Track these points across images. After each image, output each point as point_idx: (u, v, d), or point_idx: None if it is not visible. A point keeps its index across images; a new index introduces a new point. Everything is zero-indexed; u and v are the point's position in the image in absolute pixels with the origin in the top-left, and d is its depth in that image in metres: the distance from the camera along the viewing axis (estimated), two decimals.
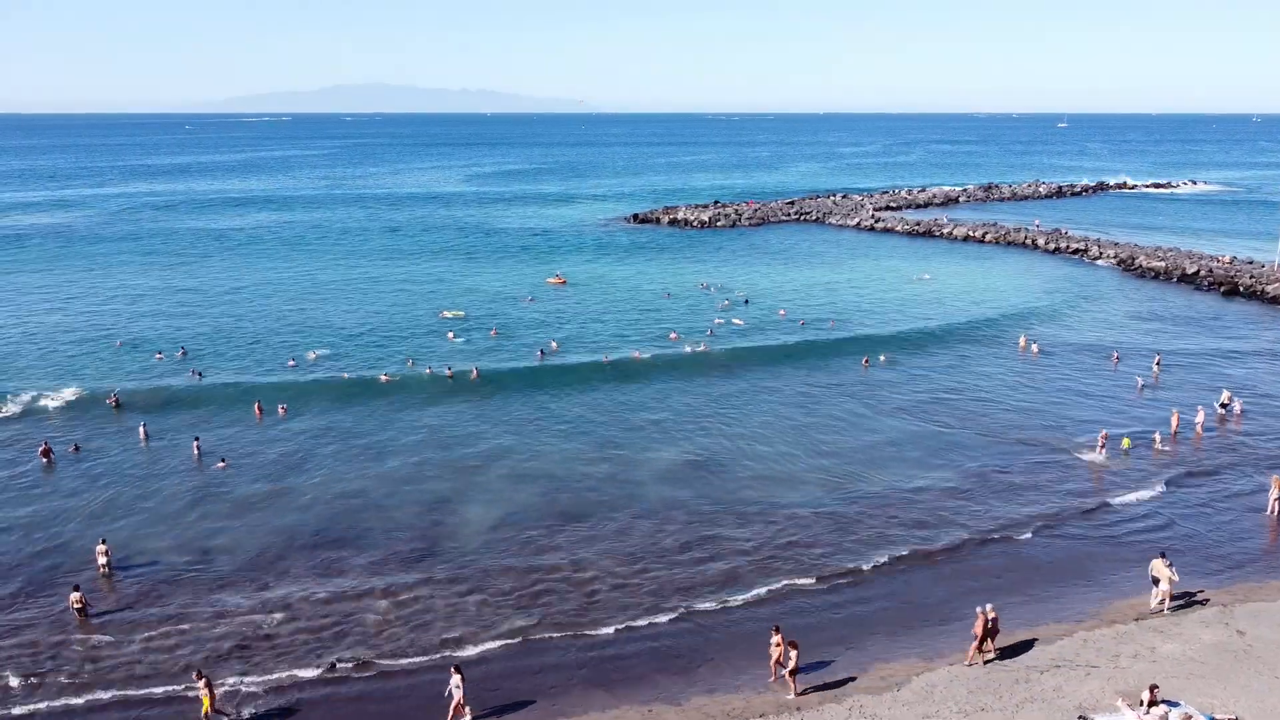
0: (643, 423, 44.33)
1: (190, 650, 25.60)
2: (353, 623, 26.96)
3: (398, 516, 34.24)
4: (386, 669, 24.72)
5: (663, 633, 26.29)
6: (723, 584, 28.99)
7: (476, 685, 23.32)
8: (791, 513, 34.07)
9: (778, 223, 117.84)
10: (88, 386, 49.15)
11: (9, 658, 25.38)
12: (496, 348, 57.66)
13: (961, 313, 67.38)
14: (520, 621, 26.96)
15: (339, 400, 47.44)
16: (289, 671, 24.54)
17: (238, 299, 71.72)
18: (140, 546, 31.81)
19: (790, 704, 22.18)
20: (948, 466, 38.41)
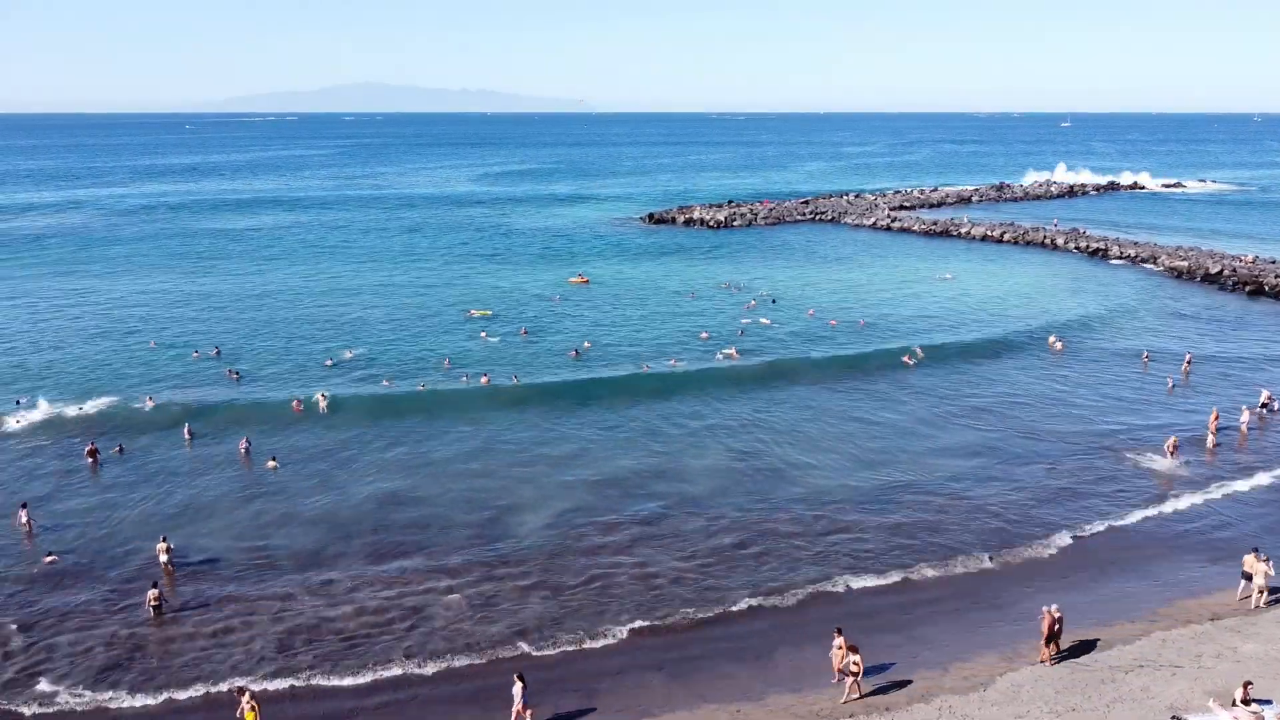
0: (686, 423, 44.32)
1: (261, 645, 25.78)
2: (420, 618, 27.12)
3: (452, 514, 34.40)
4: (454, 668, 24.77)
5: (736, 631, 26.36)
6: (785, 582, 29.08)
7: (552, 685, 23.43)
8: (846, 512, 34.12)
9: (793, 222, 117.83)
10: (126, 387, 49.16)
11: (87, 649, 25.54)
12: (529, 347, 57.63)
13: (989, 313, 67.40)
14: (588, 618, 27.05)
15: (381, 400, 47.39)
16: (359, 669, 24.68)
17: (265, 299, 71.65)
18: (200, 544, 31.91)
19: (878, 704, 22.20)
20: (998, 467, 38.47)
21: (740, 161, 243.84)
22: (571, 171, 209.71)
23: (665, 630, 26.43)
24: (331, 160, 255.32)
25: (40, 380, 50.15)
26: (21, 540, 32.30)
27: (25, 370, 52.26)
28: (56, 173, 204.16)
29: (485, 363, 53.57)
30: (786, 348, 57.33)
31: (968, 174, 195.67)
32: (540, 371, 52.07)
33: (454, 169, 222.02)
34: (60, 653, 25.48)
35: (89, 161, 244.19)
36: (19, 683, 24.25)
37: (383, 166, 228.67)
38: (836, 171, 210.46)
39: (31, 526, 32.86)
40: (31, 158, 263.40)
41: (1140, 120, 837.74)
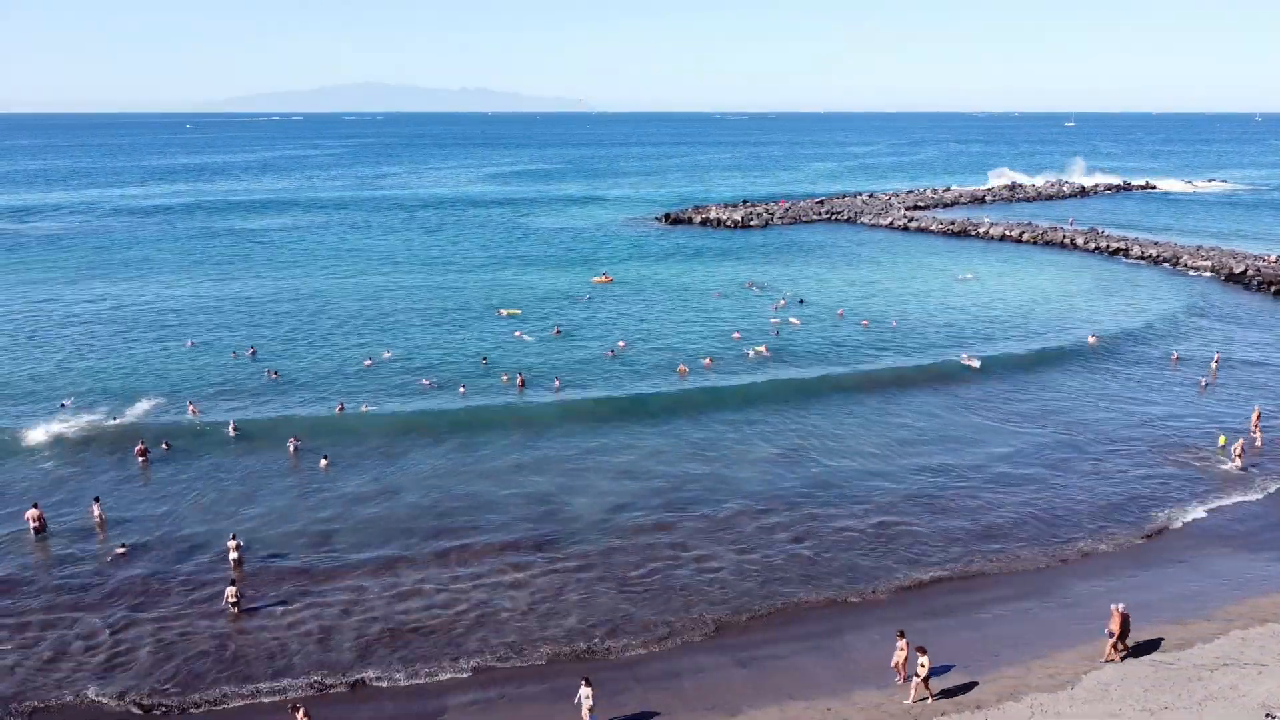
0: (730, 420, 44.49)
1: (338, 639, 26.07)
2: (487, 611, 27.53)
3: (508, 510, 34.77)
4: (530, 664, 24.99)
5: (811, 630, 26.47)
6: (848, 578, 29.38)
7: (635, 683, 23.59)
8: (903, 513, 34.30)
9: (809, 222, 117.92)
10: (169, 387, 49.25)
11: (170, 643, 25.84)
12: (564, 347, 57.72)
13: (1020, 314, 67.46)
14: (659, 614, 27.27)
15: (425, 400, 47.47)
16: (430, 666, 24.95)
17: (294, 300, 71.65)
18: (263, 540, 32.19)
19: (968, 702, 22.31)
20: (1054, 468, 38.70)
21: (747, 162, 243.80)
22: (580, 172, 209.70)
23: (739, 628, 26.63)
24: (339, 160, 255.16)
25: (82, 381, 50.23)
26: (96, 533, 32.79)
27: (66, 371, 52.30)
28: (67, 173, 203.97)
29: (522, 362, 53.65)
30: (822, 349, 57.40)
31: (978, 174, 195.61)
32: (579, 372, 52.15)
33: (463, 169, 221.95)
34: (144, 646, 25.70)
35: (98, 162, 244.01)
36: (106, 674, 24.46)
37: (391, 167, 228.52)
38: (845, 172, 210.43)
39: (104, 520, 33.27)
40: (39, 158, 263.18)
41: (1142, 120, 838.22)
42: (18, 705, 23.24)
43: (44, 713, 23.05)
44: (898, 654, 23.76)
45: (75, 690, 23.88)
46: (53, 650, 25.77)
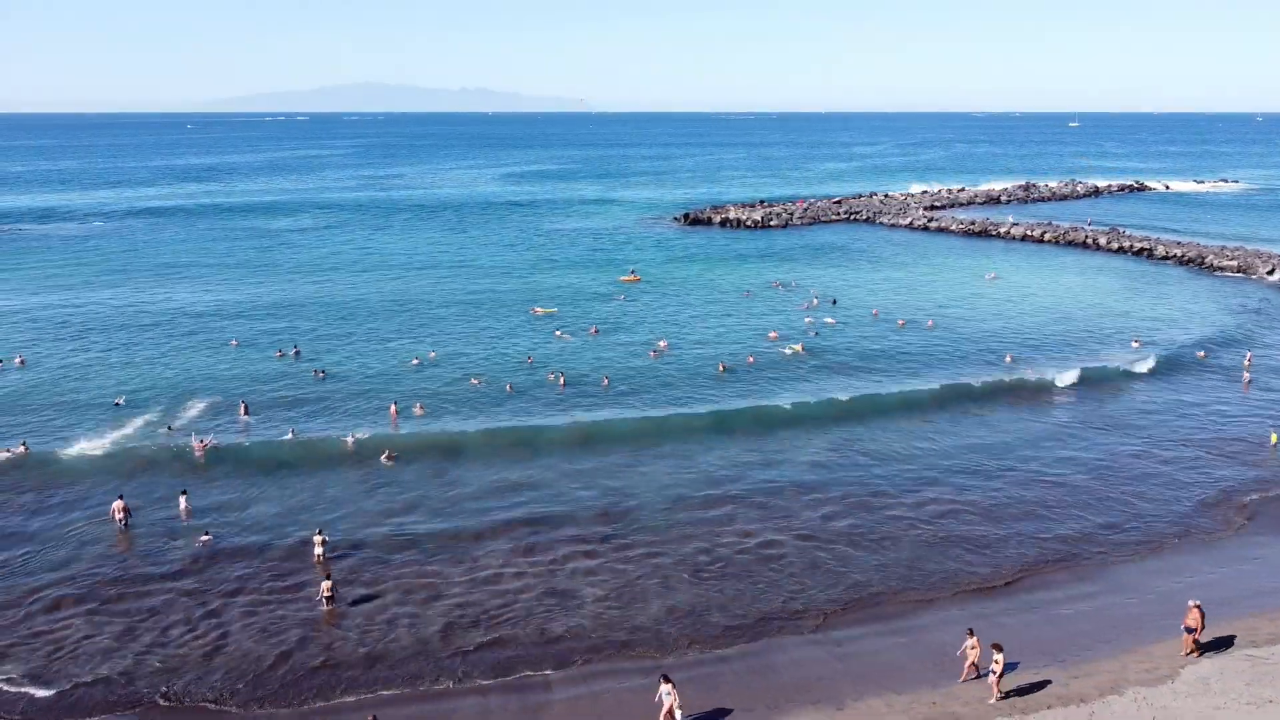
0: (781, 416, 44.82)
1: (431, 631, 26.50)
2: (571, 601, 28.05)
3: (574, 501, 35.39)
4: (613, 654, 25.35)
5: (898, 625, 26.69)
6: (922, 573, 29.72)
7: (738, 676, 23.89)
8: (968, 506, 34.67)
9: (828, 222, 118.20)
10: (217, 386, 49.57)
11: (269, 636, 26.20)
12: (605, 346, 57.98)
13: (1049, 312, 67.74)
14: (738, 604, 27.82)
15: (472, 399, 47.72)
16: (523, 655, 25.38)
17: (328, 300, 71.90)
18: (339, 532, 32.39)
19: (1072, 695, 22.60)
20: (1115, 466, 39.07)
21: (755, 163, 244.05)
22: (591, 172, 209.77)
23: (824, 619, 26.89)
24: (349, 161, 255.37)
25: (131, 380, 50.53)
26: (181, 521, 33.69)
27: (115, 370, 52.63)
28: (80, 174, 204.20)
29: (565, 361, 53.90)
30: (864, 350, 57.64)
31: (988, 174, 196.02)
32: (625, 371, 52.34)
33: (474, 170, 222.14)
34: (248, 639, 26.13)
35: (108, 162, 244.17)
36: (207, 661, 24.91)
37: (402, 168, 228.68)
38: (854, 172, 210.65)
39: (190, 510, 34.19)
40: (48, 159, 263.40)
41: (1143, 120, 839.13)
42: (123, 692, 23.51)
43: (153, 705, 23.28)
44: (969, 651, 23.98)
45: (179, 677, 24.22)
46: (151, 638, 26.22)
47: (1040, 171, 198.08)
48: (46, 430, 42.78)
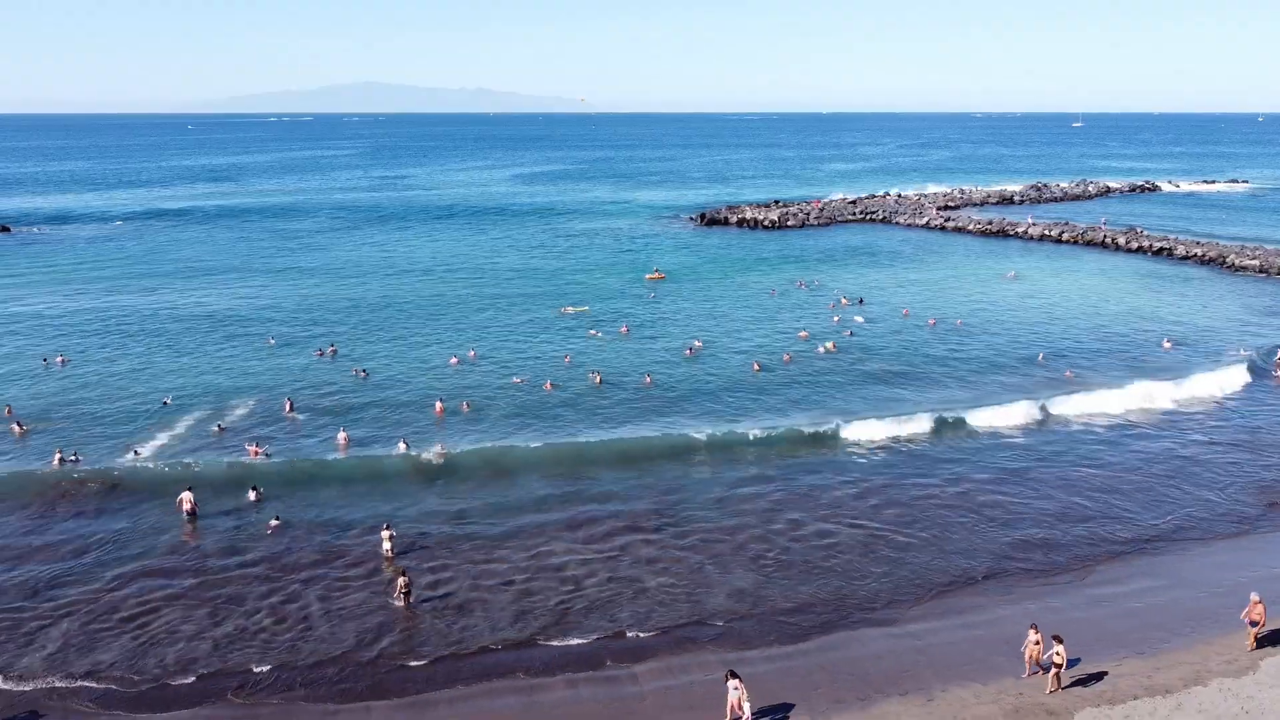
0: (827, 410, 45.22)
1: (505, 620, 27.07)
2: (638, 589, 28.73)
3: (629, 493, 36.22)
4: (689, 652, 25.64)
5: (972, 619, 27.00)
6: (978, 561, 30.28)
7: (823, 669, 24.22)
8: (1028, 500, 35.06)
9: (844, 222, 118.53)
10: (259, 384, 49.94)
11: (353, 629, 26.60)
12: (639, 345, 58.34)
13: (1075, 311, 67.98)
14: (805, 593, 28.46)
15: (516, 397, 48.05)
16: (601, 647, 25.84)
17: (357, 300, 72.19)
18: (400, 529, 32.71)
19: (1157, 686, 22.93)
20: (1172, 463, 39.41)
21: (764, 163, 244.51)
22: (601, 173, 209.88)
23: (897, 616, 27.22)
24: (360, 162, 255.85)
25: (175, 379, 50.83)
26: (250, 512, 34.51)
27: (157, 370, 52.97)
28: (93, 175, 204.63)
29: (600, 359, 54.24)
30: (896, 348, 57.98)
31: (999, 175, 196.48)
32: (662, 370, 52.61)
33: (484, 170, 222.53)
34: (331, 629, 26.61)
35: (119, 164, 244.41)
36: (304, 655, 25.30)
37: (413, 169, 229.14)
38: (864, 172, 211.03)
39: (261, 496, 35.09)
40: (57, 159, 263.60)
41: (1145, 120, 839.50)
42: (216, 679, 23.88)
43: (246, 693, 23.62)
44: (1032, 647, 24.23)
45: (271, 666, 24.76)
46: (235, 625, 26.83)
47: (1047, 172, 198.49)
48: (101, 429, 43.10)
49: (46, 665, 24.84)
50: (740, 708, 21.56)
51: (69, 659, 25.09)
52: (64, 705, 23.26)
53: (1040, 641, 24.10)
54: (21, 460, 39.52)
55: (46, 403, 46.78)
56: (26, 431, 42.21)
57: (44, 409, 45.71)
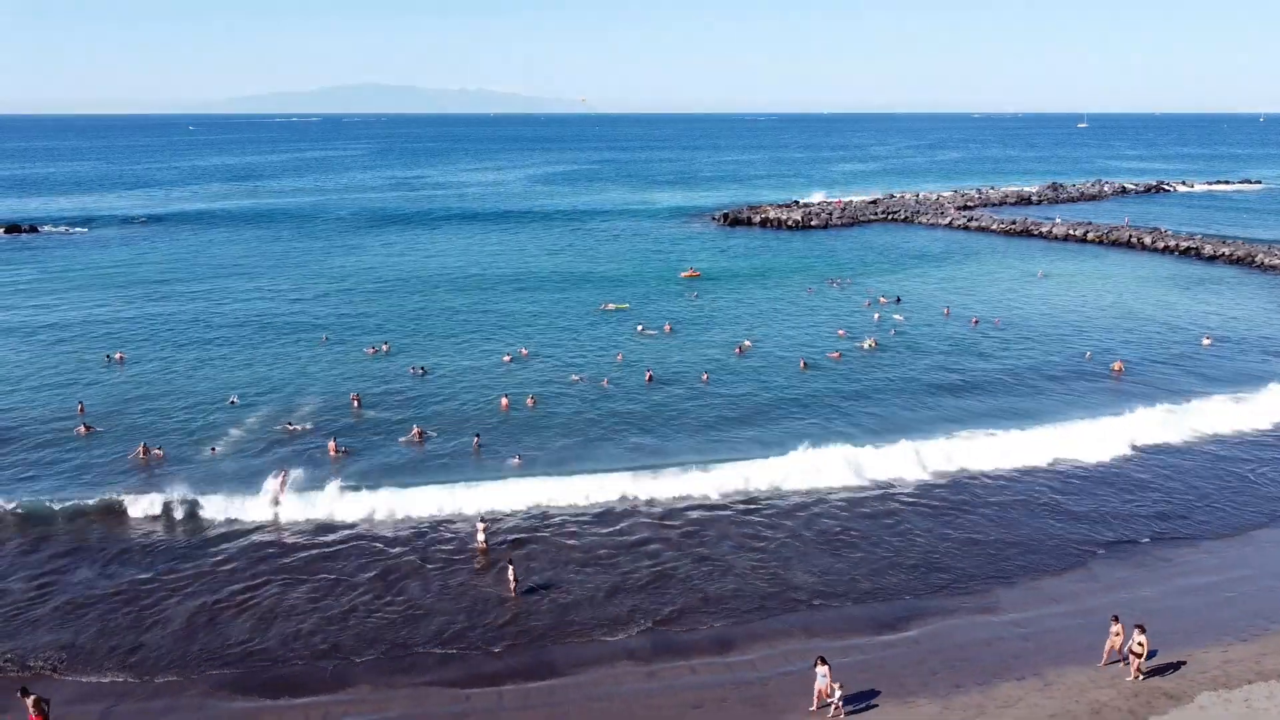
0: (891, 422, 45.76)
1: (611, 611, 27.83)
2: (730, 573, 29.80)
3: (702, 480, 37.03)
4: (798, 639, 26.30)
5: (1073, 610, 27.59)
6: (1049, 552, 31.12)
7: (921, 658, 24.85)
8: (1096, 488, 35.93)
9: (867, 222, 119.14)
10: (320, 382, 50.53)
11: (468, 611, 27.53)
12: (685, 343, 58.96)
13: (1110, 309, 68.71)
14: (891, 577, 29.32)
15: (575, 393, 48.69)
16: (722, 634, 26.53)
17: (398, 301, 72.53)
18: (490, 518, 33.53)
19: (1268, 671, 23.50)
20: (1243, 451, 40.23)
21: (775, 164, 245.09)
22: (616, 175, 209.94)
23: (998, 603, 27.90)
24: (374, 163, 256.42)
25: (236, 378, 51.33)
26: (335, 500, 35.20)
27: (217, 370, 53.54)
28: (110, 177, 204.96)
29: (654, 358, 54.85)
30: (943, 347, 58.58)
31: (1012, 175, 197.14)
32: (714, 368, 53.08)
33: (501, 171, 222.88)
34: (444, 616, 27.36)
35: (133, 165, 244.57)
36: (415, 637, 26.01)
37: (429, 169, 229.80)
38: (878, 173, 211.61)
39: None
40: (69, 160, 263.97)
41: (1148, 120, 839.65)
42: (334, 658, 24.57)
43: (363, 674, 24.29)
44: (1114, 638, 24.72)
45: (383, 650, 25.53)
46: (346, 605, 27.74)
47: (1059, 173, 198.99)
48: (172, 425, 43.65)
49: (168, 648, 25.59)
50: (830, 692, 22.15)
51: (190, 642, 25.81)
52: (186, 685, 23.93)
53: (1121, 632, 24.63)
54: (109, 448, 40.36)
55: (115, 400, 47.32)
56: (91, 432, 42.18)
57: (113, 406, 46.24)
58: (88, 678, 24.38)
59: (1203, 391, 48.66)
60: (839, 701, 21.99)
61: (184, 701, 23.49)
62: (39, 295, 73.29)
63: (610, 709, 22.87)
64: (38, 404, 46.57)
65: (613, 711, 22.77)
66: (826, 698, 22.21)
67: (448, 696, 23.46)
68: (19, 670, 24.53)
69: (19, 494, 35.48)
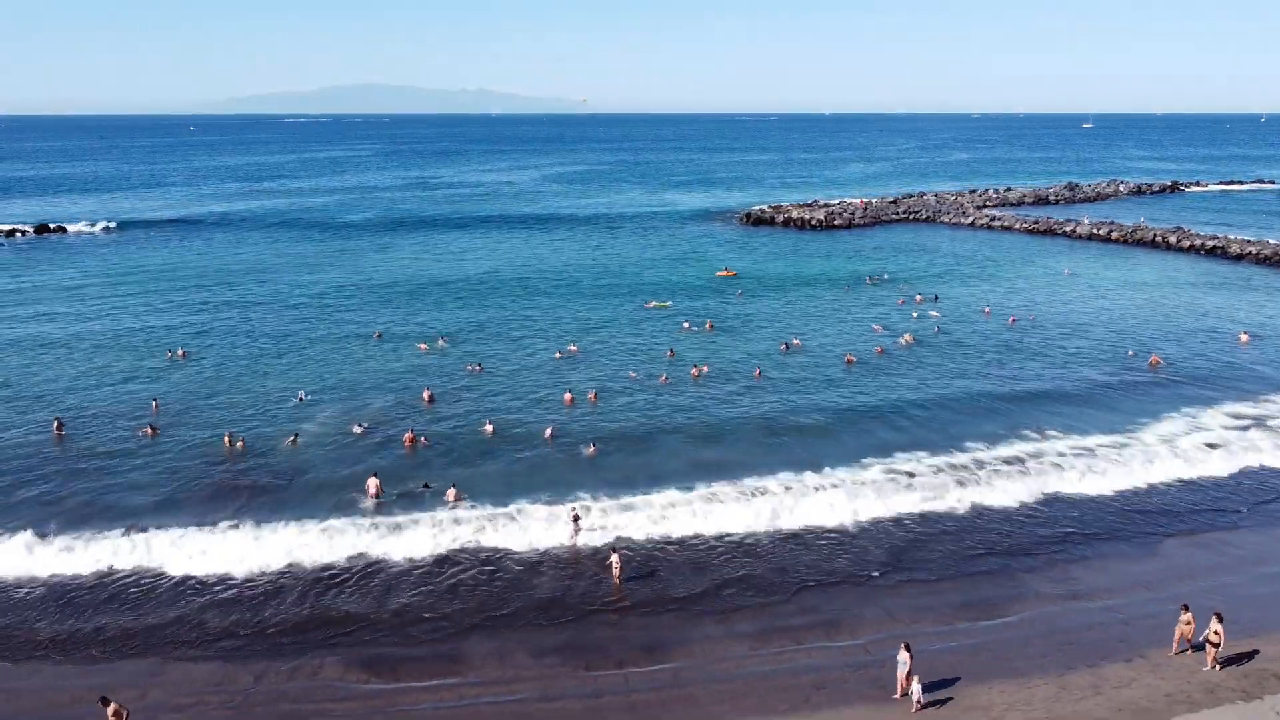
0: (950, 407, 46.66)
1: (719, 592, 28.92)
2: (819, 558, 30.59)
3: (770, 467, 38.62)
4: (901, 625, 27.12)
5: (1163, 596, 28.36)
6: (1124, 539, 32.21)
7: (1032, 638, 25.70)
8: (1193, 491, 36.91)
9: (889, 221, 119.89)
10: (382, 377, 51.34)
11: (575, 596, 28.65)
12: (730, 340, 59.81)
13: (1144, 307, 69.61)
14: (1000, 565, 30.28)
15: (632, 388, 49.58)
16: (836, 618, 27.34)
17: (441, 302, 73.05)
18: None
19: None
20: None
21: (787, 164, 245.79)
22: (633, 175, 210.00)
23: (1089, 589, 28.77)
24: (387, 163, 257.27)
25: (302, 376, 51.99)
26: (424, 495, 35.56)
27: (277, 365, 54.48)
28: (129, 177, 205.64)
29: (701, 355, 55.72)
30: (986, 344, 59.39)
31: (1023, 175, 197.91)
32: (769, 364, 53.93)
33: (516, 171, 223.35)
34: (552, 601, 28.26)
35: (150, 165, 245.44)
36: (524, 625, 26.54)
37: (444, 169, 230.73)
38: (889, 173, 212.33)
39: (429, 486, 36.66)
40: (81, 161, 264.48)
41: (1150, 121, 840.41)
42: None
43: (487, 644, 25.14)
44: (1184, 627, 25.37)
45: (498, 637, 26.27)
46: (461, 594, 28.62)
47: (1070, 173, 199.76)
48: (245, 419, 44.45)
49: (298, 631, 26.52)
50: (909, 680, 22.64)
51: (322, 627, 26.77)
52: (320, 667, 24.89)
53: (1192, 621, 25.23)
54: (182, 441, 41.29)
55: (183, 396, 48.12)
56: (158, 433, 42.40)
57: (184, 402, 47.06)
58: (220, 661, 25.18)
59: (1255, 390, 49.41)
60: (917, 692, 22.39)
61: (317, 683, 24.28)
62: (83, 296, 74.05)
63: (734, 689, 23.67)
64: (111, 400, 47.41)
65: (736, 691, 23.57)
66: (906, 685, 22.79)
67: (574, 679, 24.26)
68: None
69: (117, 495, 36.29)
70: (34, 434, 42.42)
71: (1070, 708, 22.19)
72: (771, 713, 22.57)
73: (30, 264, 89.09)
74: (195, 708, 23.32)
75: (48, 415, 44.43)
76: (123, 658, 25.50)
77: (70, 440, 41.70)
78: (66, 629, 26.85)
